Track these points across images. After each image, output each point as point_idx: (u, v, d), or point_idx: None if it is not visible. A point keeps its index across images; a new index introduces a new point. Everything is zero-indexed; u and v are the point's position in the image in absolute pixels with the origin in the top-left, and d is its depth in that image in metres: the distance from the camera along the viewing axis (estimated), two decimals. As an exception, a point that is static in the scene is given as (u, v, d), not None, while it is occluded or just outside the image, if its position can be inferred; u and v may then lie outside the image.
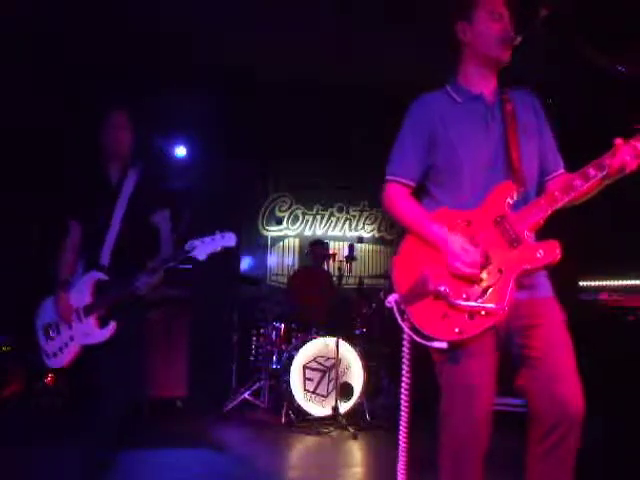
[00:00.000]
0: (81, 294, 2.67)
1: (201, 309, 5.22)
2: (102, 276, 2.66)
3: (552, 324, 1.81)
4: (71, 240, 2.77)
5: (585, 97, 5.04)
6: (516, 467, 1.90)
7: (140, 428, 4.19)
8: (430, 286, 1.76)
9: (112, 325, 2.59)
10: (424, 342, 1.75)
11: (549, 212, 1.75)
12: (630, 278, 4.36)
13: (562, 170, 1.97)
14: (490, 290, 1.72)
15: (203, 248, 2.53)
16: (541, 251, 1.70)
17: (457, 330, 1.71)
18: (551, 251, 1.69)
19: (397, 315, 1.80)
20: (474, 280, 1.74)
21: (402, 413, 1.89)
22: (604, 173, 1.70)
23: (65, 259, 2.76)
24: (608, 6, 3.80)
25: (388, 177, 1.99)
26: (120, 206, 2.71)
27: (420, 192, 2.00)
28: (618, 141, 1.71)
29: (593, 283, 4.52)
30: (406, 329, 1.79)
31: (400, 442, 1.89)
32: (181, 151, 6.23)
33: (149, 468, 3.35)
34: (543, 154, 1.95)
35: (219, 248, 2.55)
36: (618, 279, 4.42)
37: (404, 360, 1.87)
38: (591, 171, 1.71)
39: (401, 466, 1.90)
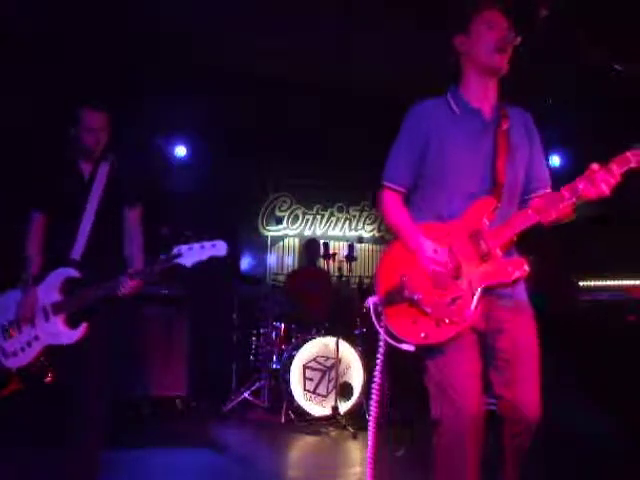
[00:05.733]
0: (50, 291, 2.53)
1: (201, 309, 5.22)
2: (74, 273, 2.52)
3: (522, 329, 1.89)
4: (34, 232, 2.63)
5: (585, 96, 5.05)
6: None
7: (140, 428, 4.19)
8: (406, 293, 1.87)
9: (83, 327, 2.45)
10: (394, 343, 1.88)
11: (523, 229, 1.82)
12: (630, 278, 4.37)
13: (549, 190, 2.01)
14: (458, 300, 1.81)
15: (191, 255, 2.40)
16: (510, 267, 1.80)
17: (422, 335, 1.82)
18: (519, 267, 1.79)
19: (373, 317, 1.93)
20: (445, 283, 1.83)
21: (372, 410, 1.99)
22: (579, 195, 1.75)
23: (30, 252, 2.60)
24: (608, 5, 3.80)
25: (382, 182, 2.06)
26: (93, 200, 2.59)
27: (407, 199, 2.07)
28: (593, 166, 1.74)
29: (593, 283, 4.52)
30: (380, 330, 1.92)
31: (369, 440, 1.97)
32: (181, 151, 6.23)
33: (149, 468, 3.35)
34: (530, 173, 2.00)
35: (207, 257, 2.43)
36: (618, 279, 4.42)
37: (378, 360, 2.00)
38: (565, 193, 1.78)
39: (369, 467, 1.98)
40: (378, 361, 2.00)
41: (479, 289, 1.80)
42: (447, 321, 1.79)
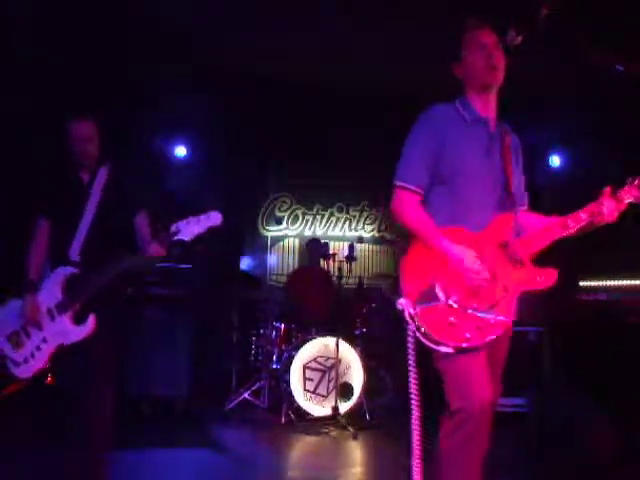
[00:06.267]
0: (51, 292, 2.57)
1: (201, 309, 5.22)
2: (72, 270, 2.57)
3: (503, 350, 2.02)
4: (39, 239, 2.69)
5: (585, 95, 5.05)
6: (514, 466, 1.92)
7: (140, 428, 4.19)
8: (441, 296, 1.87)
9: (91, 319, 2.49)
10: (431, 345, 1.86)
11: (547, 244, 1.95)
12: (630, 278, 4.37)
13: (526, 206, 2.19)
14: (497, 305, 1.86)
15: (188, 229, 2.47)
16: (541, 277, 1.90)
17: (468, 336, 1.82)
18: (549, 278, 1.90)
19: (408, 318, 1.88)
20: (483, 289, 1.87)
21: (413, 416, 1.94)
22: (590, 220, 1.94)
23: (33, 259, 2.65)
24: (609, 5, 3.80)
25: (398, 183, 2.03)
26: (91, 204, 2.66)
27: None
28: (607, 190, 1.95)
29: (593, 283, 4.52)
30: (416, 332, 1.88)
31: (413, 445, 1.92)
32: (181, 151, 6.23)
33: (149, 468, 3.35)
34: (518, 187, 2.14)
35: (205, 229, 2.49)
36: (618, 279, 4.42)
37: (410, 363, 1.94)
38: (582, 216, 1.94)
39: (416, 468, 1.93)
40: (410, 363, 1.95)
41: (516, 294, 1.89)
42: (492, 322, 1.83)
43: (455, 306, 1.84)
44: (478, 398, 1.82)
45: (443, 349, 1.84)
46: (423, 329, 1.86)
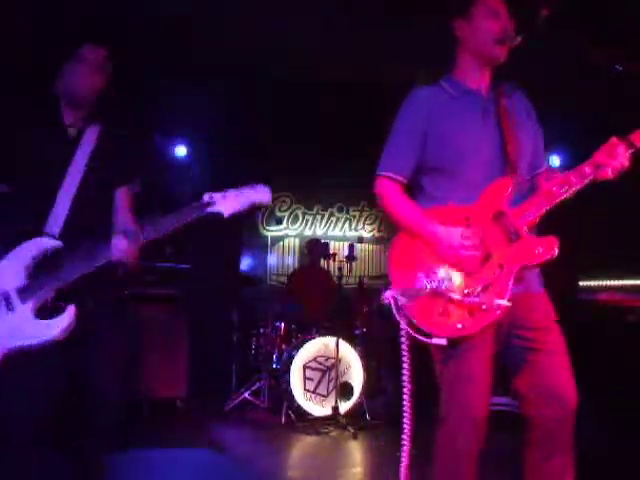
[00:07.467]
0: (13, 270, 1.87)
1: (201, 309, 5.22)
2: (53, 242, 1.92)
3: (551, 323, 1.83)
4: None
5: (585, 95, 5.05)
6: (512, 468, 1.90)
7: (140, 428, 4.18)
8: (429, 283, 1.74)
9: (70, 312, 1.83)
10: (423, 339, 1.73)
11: (547, 208, 1.77)
12: (630, 278, 4.37)
13: (545, 167, 2.01)
14: (491, 285, 1.71)
15: (227, 203, 1.97)
16: (540, 248, 1.71)
17: (459, 326, 1.69)
18: (549, 248, 1.70)
19: (395, 311, 1.76)
20: (476, 270, 1.72)
21: (405, 412, 1.83)
22: (598, 172, 1.76)
23: None
24: (609, 5, 3.80)
25: (379, 172, 1.97)
26: (77, 166, 2.03)
27: (413, 188, 1.98)
28: (613, 140, 1.78)
29: (593, 283, 4.52)
30: (404, 325, 1.76)
31: (403, 442, 1.83)
32: (181, 151, 6.22)
33: (149, 468, 3.34)
34: (534, 150, 1.97)
35: (248, 205, 2.00)
36: (618, 279, 4.42)
37: (403, 357, 1.82)
38: (587, 169, 1.77)
39: (404, 465, 1.85)
40: (404, 358, 1.81)
41: (513, 272, 1.71)
42: (484, 307, 1.67)
43: (443, 293, 1.71)
44: (472, 410, 1.71)
45: (436, 341, 1.70)
46: (412, 321, 1.73)
